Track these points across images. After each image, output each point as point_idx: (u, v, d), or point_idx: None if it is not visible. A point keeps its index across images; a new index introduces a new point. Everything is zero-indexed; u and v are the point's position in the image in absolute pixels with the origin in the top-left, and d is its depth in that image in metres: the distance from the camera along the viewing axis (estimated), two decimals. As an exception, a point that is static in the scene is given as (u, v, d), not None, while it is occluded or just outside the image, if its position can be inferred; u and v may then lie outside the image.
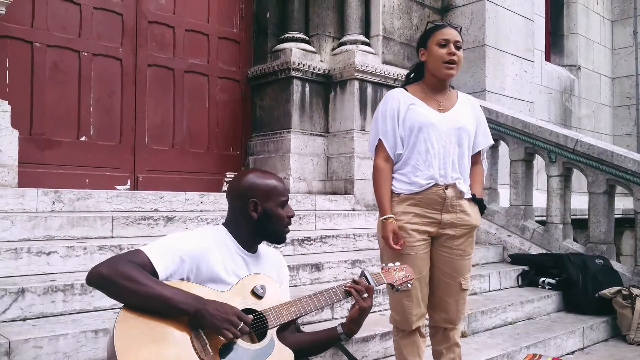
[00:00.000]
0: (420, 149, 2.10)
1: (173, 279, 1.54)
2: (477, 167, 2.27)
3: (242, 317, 1.48)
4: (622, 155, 4.04)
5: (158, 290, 1.44)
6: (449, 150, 2.11)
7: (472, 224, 2.17)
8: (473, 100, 2.29)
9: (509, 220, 4.60)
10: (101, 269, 1.46)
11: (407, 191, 2.12)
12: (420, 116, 2.11)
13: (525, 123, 4.51)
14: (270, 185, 1.71)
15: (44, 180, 3.63)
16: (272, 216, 1.70)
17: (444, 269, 2.18)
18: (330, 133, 4.85)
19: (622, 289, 3.65)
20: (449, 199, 2.11)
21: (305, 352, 1.80)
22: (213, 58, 4.74)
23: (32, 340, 1.91)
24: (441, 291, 2.20)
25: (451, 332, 2.25)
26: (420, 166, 2.10)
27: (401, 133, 2.14)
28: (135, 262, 1.47)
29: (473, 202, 2.19)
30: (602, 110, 8.27)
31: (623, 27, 8.41)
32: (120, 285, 1.43)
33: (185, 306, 1.45)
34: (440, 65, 2.11)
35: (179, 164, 4.48)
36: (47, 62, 3.80)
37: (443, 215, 2.12)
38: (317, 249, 3.52)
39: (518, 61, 5.62)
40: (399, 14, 5.08)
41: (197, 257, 1.58)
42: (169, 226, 3.14)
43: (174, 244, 1.58)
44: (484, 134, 2.25)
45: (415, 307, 2.14)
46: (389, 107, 2.16)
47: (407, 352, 2.20)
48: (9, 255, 2.38)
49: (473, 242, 2.22)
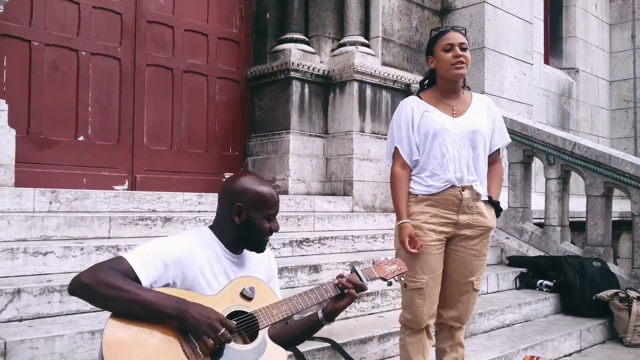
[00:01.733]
0: (436, 154, 2.17)
1: (158, 285, 1.51)
2: (496, 166, 2.31)
3: (224, 323, 1.45)
4: (619, 158, 4.05)
5: (141, 296, 1.42)
6: (463, 154, 2.17)
7: (488, 226, 2.22)
8: (488, 100, 2.33)
9: (507, 222, 4.61)
10: (82, 278, 1.44)
11: (424, 192, 2.18)
12: (434, 122, 2.17)
13: (523, 125, 4.52)
14: (261, 195, 1.66)
15: (41, 180, 3.61)
16: (253, 226, 1.65)
17: (458, 268, 2.23)
18: (329, 134, 4.85)
19: (619, 292, 3.66)
20: (466, 200, 2.16)
21: (292, 342, 1.82)
22: (212, 58, 4.73)
23: (28, 341, 1.90)
24: (453, 289, 2.25)
25: (457, 331, 2.30)
26: (437, 171, 2.16)
27: (416, 140, 2.21)
28: (117, 270, 1.45)
29: (489, 204, 2.24)
30: (600, 113, 8.29)
31: (621, 30, 8.43)
32: (102, 293, 1.41)
33: (168, 309, 1.43)
34: (449, 68, 2.16)
35: (177, 165, 4.47)
36: (45, 61, 3.79)
37: (459, 216, 2.17)
38: (316, 250, 3.51)
39: (517, 64, 5.63)
40: (399, 16, 5.08)
41: (182, 261, 1.55)
42: (167, 227, 3.13)
43: (157, 249, 1.55)
44: (500, 133, 2.30)
45: (427, 306, 2.19)
46: (403, 115, 2.24)
47: (412, 350, 2.23)
48: (5, 255, 2.36)
49: (488, 243, 2.28)
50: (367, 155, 4.66)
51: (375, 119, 4.82)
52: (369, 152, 4.67)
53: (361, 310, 2.98)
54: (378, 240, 3.93)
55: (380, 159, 4.70)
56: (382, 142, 4.75)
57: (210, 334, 1.42)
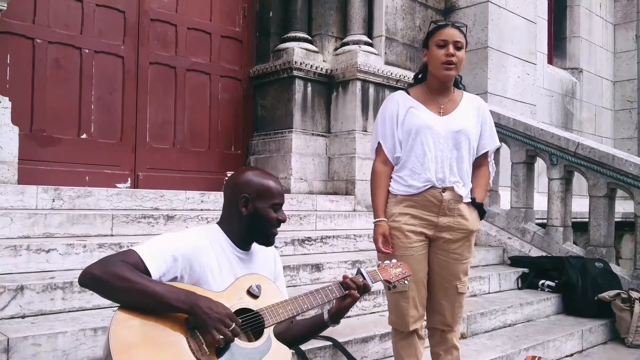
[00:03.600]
0: (418, 152, 2.10)
1: (166, 278, 1.53)
2: (482, 169, 2.23)
3: (233, 319, 1.47)
4: (623, 158, 4.04)
5: (151, 288, 1.43)
6: (446, 154, 2.09)
7: (469, 229, 2.14)
8: (479, 101, 2.25)
9: (509, 222, 4.60)
10: (93, 269, 1.45)
11: (404, 192, 2.12)
12: (418, 119, 2.11)
13: (527, 125, 4.50)
14: (265, 185, 1.70)
15: (44, 177, 3.62)
16: (261, 216, 1.68)
17: (441, 272, 2.17)
18: (331, 133, 4.85)
19: (621, 292, 3.65)
20: (446, 202, 2.09)
21: (297, 341, 1.84)
22: (215, 57, 4.74)
23: (31, 337, 1.90)
24: (437, 294, 2.20)
25: (449, 334, 2.24)
26: (418, 169, 2.10)
27: (399, 136, 2.14)
28: (127, 262, 1.46)
29: (472, 207, 2.16)
30: (603, 113, 8.26)
31: (626, 30, 8.40)
32: (112, 285, 1.42)
33: (178, 302, 1.44)
34: (439, 66, 2.09)
35: (179, 163, 4.47)
36: (48, 58, 3.79)
37: (440, 218, 2.11)
38: (318, 249, 3.51)
39: (520, 64, 5.62)
40: (402, 15, 5.07)
41: (190, 255, 1.57)
42: (170, 225, 3.14)
43: (167, 243, 1.57)
44: (489, 135, 2.22)
45: (411, 309, 2.14)
46: (388, 110, 2.18)
47: (404, 353, 2.19)
48: (8, 252, 2.37)
49: (471, 246, 2.19)
50: (370, 154, 4.63)
51: (378, 118, 4.81)
52: (372, 152, 4.66)
53: (363, 309, 2.98)
54: (380, 240, 3.92)
55: (383, 158, 4.69)
56: (385, 141, 4.74)
57: (220, 329, 1.43)
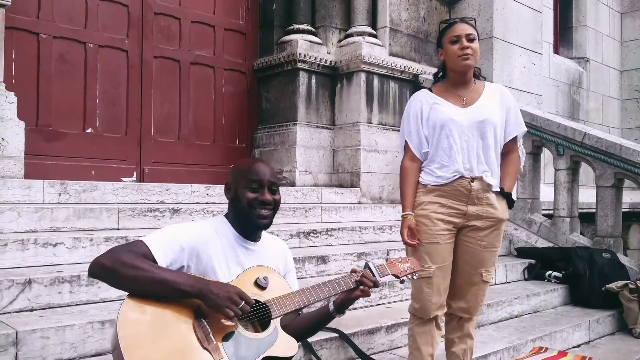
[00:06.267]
0: (444, 145, 2.17)
1: (173, 267, 1.55)
2: (512, 156, 2.29)
3: (243, 296, 1.49)
4: (630, 148, 4.01)
5: (160, 274, 1.46)
6: (472, 144, 2.16)
7: (498, 217, 2.21)
8: (501, 89, 2.32)
9: (515, 213, 4.58)
10: (102, 260, 1.48)
11: (433, 182, 2.19)
12: (442, 114, 2.18)
13: (533, 116, 4.48)
14: (243, 168, 1.73)
15: (50, 171, 3.63)
16: (239, 199, 1.68)
17: (467, 259, 2.23)
18: (336, 125, 4.83)
19: (629, 283, 3.64)
20: (475, 191, 2.16)
21: (304, 334, 1.84)
22: (219, 50, 4.72)
23: (39, 330, 1.92)
24: (462, 280, 2.25)
25: (466, 322, 2.30)
26: (446, 162, 2.17)
27: (425, 132, 2.22)
28: (135, 252, 1.49)
29: (501, 196, 2.22)
30: (610, 103, 8.19)
31: (633, 19, 8.30)
32: (122, 273, 1.44)
33: (188, 288, 1.46)
34: (456, 60, 2.18)
35: (184, 156, 4.48)
36: (53, 53, 3.80)
37: (469, 207, 2.17)
38: (323, 241, 3.52)
39: (526, 53, 5.57)
40: (406, 6, 5.03)
41: (197, 245, 1.59)
42: (175, 218, 3.15)
43: (173, 233, 1.60)
44: (515, 121, 2.27)
45: (435, 295, 2.19)
46: (412, 109, 2.27)
47: (420, 340, 2.23)
48: (15, 247, 2.39)
49: (499, 235, 2.26)
50: (375, 146, 4.64)
51: (383, 110, 4.79)
52: (377, 144, 4.65)
53: (369, 301, 2.98)
54: (385, 232, 3.92)
55: (388, 150, 4.68)
56: (390, 133, 4.73)
57: (231, 307, 1.45)
